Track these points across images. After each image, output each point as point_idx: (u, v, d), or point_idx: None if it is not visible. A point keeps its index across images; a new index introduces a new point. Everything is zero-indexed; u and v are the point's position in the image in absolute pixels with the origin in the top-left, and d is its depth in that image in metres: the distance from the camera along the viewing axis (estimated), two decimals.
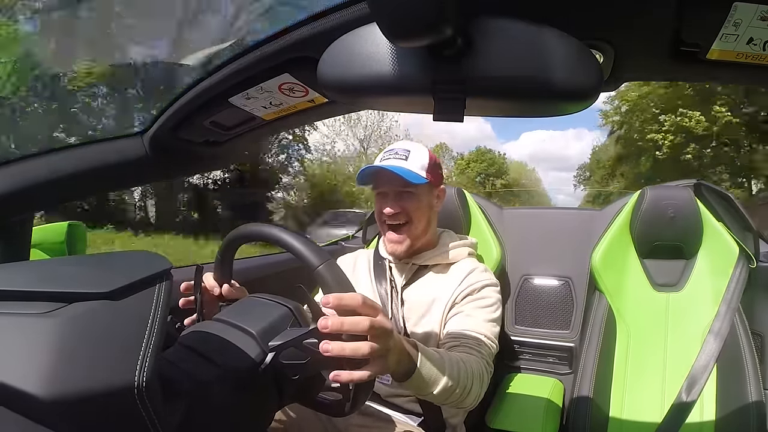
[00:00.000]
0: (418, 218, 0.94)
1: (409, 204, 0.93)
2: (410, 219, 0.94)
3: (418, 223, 0.94)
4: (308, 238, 0.57)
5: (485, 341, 0.83)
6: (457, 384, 0.68)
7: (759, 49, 0.42)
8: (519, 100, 0.42)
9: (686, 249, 1.32)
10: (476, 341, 0.82)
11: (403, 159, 0.93)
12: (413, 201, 0.93)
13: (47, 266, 0.49)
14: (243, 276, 0.78)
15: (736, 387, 1.10)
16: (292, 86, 0.57)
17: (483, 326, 0.85)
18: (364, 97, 0.44)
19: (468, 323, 0.85)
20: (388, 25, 0.35)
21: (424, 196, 0.95)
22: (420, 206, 0.94)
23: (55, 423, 0.33)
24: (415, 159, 0.93)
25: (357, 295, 0.52)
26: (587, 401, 1.17)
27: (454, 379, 0.67)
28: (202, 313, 0.68)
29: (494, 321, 0.88)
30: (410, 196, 0.93)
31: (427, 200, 0.96)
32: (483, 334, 0.84)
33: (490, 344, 0.84)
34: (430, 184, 0.95)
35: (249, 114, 0.64)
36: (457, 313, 0.89)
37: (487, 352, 0.82)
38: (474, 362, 0.76)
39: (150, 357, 0.37)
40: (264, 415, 0.57)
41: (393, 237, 0.95)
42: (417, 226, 0.95)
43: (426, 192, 0.95)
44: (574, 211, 1.82)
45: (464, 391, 0.70)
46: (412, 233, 0.95)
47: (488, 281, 0.93)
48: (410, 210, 0.93)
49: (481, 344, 0.82)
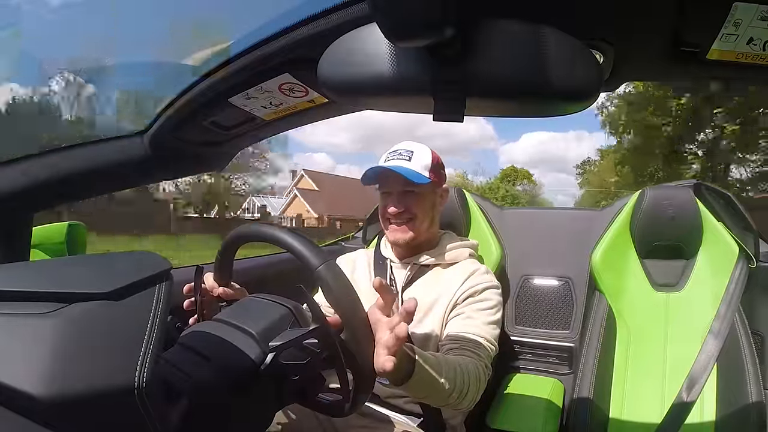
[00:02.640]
0: (421, 216, 0.96)
1: (412, 203, 0.95)
2: (413, 216, 0.96)
3: (421, 221, 0.96)
4: (308, 239, 0.57)
5: (484, 344, 0.84)
6: (454, 388, 0.69)
7: (759, 49, 0.42)
8: (519, 100, 0.42)
9: (686, 249, 1.32)
10: (475, 344, 0.82)
11: (406, 159, 0.95)
12: (416, 200, 0.95)
13: (47, 266, 0.49)
14: (243, 276, 0.78)
15: (736, 387, 1.10)
16: (292, 86, 0.57)
17: (483, 329, 0.86)
18: (364, 97, 0.44)
19: (468, 325, 0.86)
20: (388, 25, 0.35)
21: (427, 195, 0.96)
22: (423, 205, 0.96)
23: (55, 423, 0.33)
24: (419, 159, 0.95)
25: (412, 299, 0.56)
26: (587, 401, 1.17)
27: (451, 382, 0.68)
28: (202, 314, 0.68)
29: (494, 323, 0.89)
30: (413, 196, 0.95)
31: (430, 199, 0.97)
32: (483, 337, 0.84)
33: (490, 347, 0.85)
34: (433, 184, 0.96)
35: (249, 114, 0.64)
36: (458, 315, 0.89)
37: (486, 355, 0.83)
38: (472, 365, 0.76)
39: (150, 357, 0.37)
40: (264, 415, 0.57)
41: (396, 227, 0.97)
42: (421, 224, 0.96)
43: (429, 191, 0.97)
44: (574, 211, 1.82)
45: (461, 395, 0.71)
46: (416, 228, 0.96)
47: (490, 283, 0.94)
48: (413, 209, 0.95)
49: (480, 347, 0.82)
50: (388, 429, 0.88)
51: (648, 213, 1.32)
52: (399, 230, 0.97)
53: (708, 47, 0.43)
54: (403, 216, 0.95)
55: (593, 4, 0.42)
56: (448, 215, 1.36)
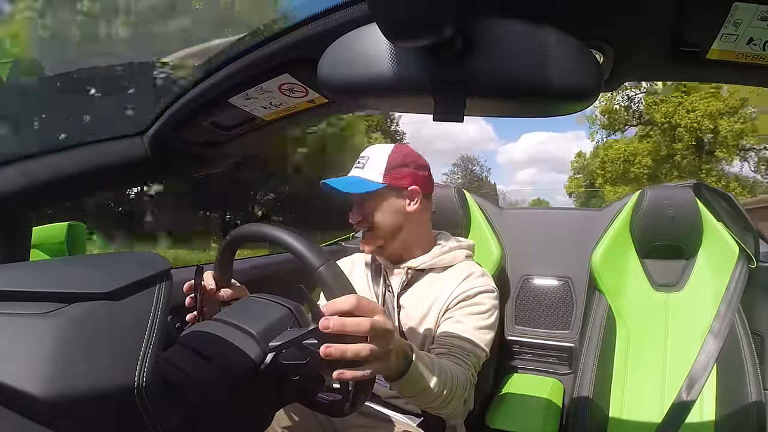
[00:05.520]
0: (381, 223, 0.93)
1: (370, 210, 0.93)
2: (372, 225, 0.93)
3: (382, 228, 0.93)
4: (309, 239, 0.57)
5: (473, 350, 0.83)
6: (442, 391, 0.69)
7: (759, 49, 0.42)
8: (519, 100, 0.42)
9: (686, 249, 1.32)
10: (464, 351, 0.81)
11: (360, 168, 0.94)
12: (374, 207, 0.92)
13: (47, 266, 0.49)
14: (243, 276, 0.78)
15: (735, 387, 1.10)
16: (292, 87, 0.57)
17: (473, 334, 0.84)
18: (364, 98, 0.44)
19: (458, 330, 0.85)
20: (388, 25, 0.35)
21: (382, 200, 0.93)
22: (382, 211, 0.92)
23: (55, 423, 0.33)
24: (372, 164, 0.93)
25: (351, 297, 0.52)
26: (587, 401, 1.17)
27: (441, 385, 0.68)
28: (202, 314, 0.68)
29: (486, 328, 0.87)
30: (369, 203, 0.93)
31: (391, 204, 0.93)
32: (473, 342, 0.83)
33: (479, 353, 0.83)
34: (390, 187, 0.92)
35: (249, 114, 0.64)
36: (449, 319, 0.88)
37: (474, 363, 0.82)
38: (460, 373, 0.76)
39: (150, 357, 0.37)
40: (264, 415, 0.57)
41: (363, 239, 0.96)
42: (382, 230, 0.93)
43: (387, 195, 0.93)
44: (574, 211, 1.82)
45: (447, 399, 0.71)
46: (380, 236, 0.94)
47: (483, 287, 0.91)
48: (372, 216, 0.93)
49: (468, 354, 0.81)
50: (388, 429, 0.88)
51: (648, 213, 1.32)
52: (364, 242, 0.96)
53: (708, 47, 0.43)
54: (363, 224, 0.94)
55: (593, 4, 0.42)
56: (448, 215, 1.36)
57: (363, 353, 0.51)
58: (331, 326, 0.49)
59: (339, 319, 0.50)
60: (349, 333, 0.50)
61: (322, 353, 0.49)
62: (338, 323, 0.50)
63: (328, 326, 0.49)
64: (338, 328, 0.50)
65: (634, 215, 1.34)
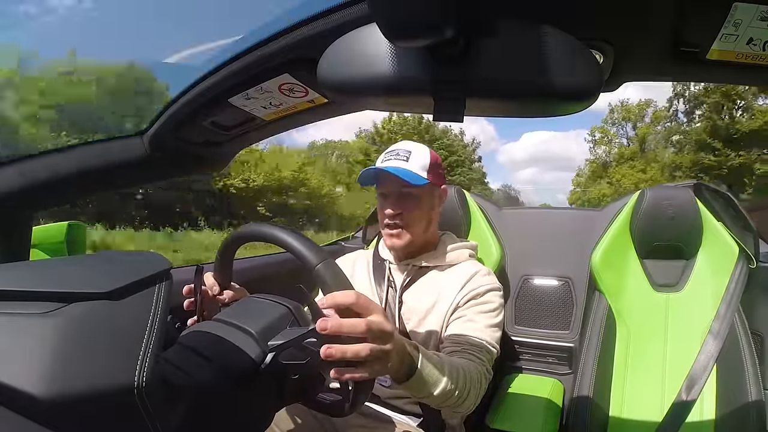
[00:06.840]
0: (418, 219, 0.95)
1: (409, 205, 0.94)
2: (410, 220, 0.94)
3: (418, 224, 0.95)
4: (307, 238, 0.57)
5: (486, 347, 0.83)
6: (456, 388, 0.68)
7: (759, 49, 0.42)
8: (519, 100, 0.42)
9: (686, 249, 1.31)
10: (477, 347, 0.82)
11: (404, 160, 0.93)
12: (413, 202, 0.94)
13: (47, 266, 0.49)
14: (243, 276, 0.78)
15: (735, 387, 1.10)
16: (292, 86, 0.57)
17: (485, 332, 0.85)
18: (364, 97, 0.44)
19: (470, 328, 0.85)
20: (388, 25, 0.35)
21: (424, 197, 0.95)
22: (420, 207, 0.95)
23: (55, 423, 0.33)
24: (416, 159, 0.93)
25: (350, 292, 0.52)
26: (587, 401, 1.17)
27: (453, 383, 0.68)
28: (202, 314, 0.68)
29: (496, 326, 0.88)
30: (410, 197, 0.94)
31: (427, 201, 0.96)
32: (485, 340, 0.84)
33: (491, 349, 0.84)
34: (431, 185, 0.95)
35: (249, 114, 0.64)
36: (459, 317, 0.88)
37: (488, 359, 0.82)
38: (474, 368, 0.76)
39: (150, 357, 0.37)
40: (264, 415, 0.57)
41: (392, 231, 0.96)
42: (417, 227, 0.95)
43: (427, 193, 0.95)
44: (574, 211, 1.82)
45: (461, 397, 0.70)
46: (412, 232, 0.95)
47: (491, 285, 0.93)
48: (410, 211, 0.94)
49: (482, 350, 0.82)
50: (388, 429, 0.88)
51: (648, 213, 1.32)
52: (395, 236, 0.95)
53: (708, 47, 0.43)
54: (399, 218, 0.94)
55: (593, 4, 0.42)
56: (448, 215, 1.36)
57: (363, 353, 0.50)
58: (329, 328, 0.49)
59: (336, 320, 0.50)
60: (346, 334, 0.50)
61: (323, 354, 0.49)
62: (335, 325, 0.49)
63: (325, 327, 0.49)
64: (335, 329, 0.49)
65: (634, 215, 1.34)
